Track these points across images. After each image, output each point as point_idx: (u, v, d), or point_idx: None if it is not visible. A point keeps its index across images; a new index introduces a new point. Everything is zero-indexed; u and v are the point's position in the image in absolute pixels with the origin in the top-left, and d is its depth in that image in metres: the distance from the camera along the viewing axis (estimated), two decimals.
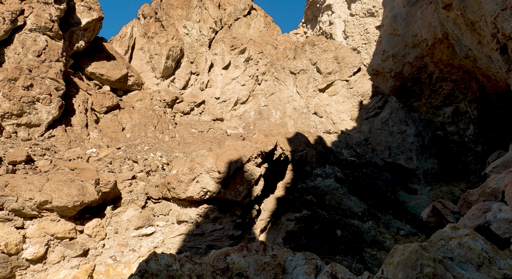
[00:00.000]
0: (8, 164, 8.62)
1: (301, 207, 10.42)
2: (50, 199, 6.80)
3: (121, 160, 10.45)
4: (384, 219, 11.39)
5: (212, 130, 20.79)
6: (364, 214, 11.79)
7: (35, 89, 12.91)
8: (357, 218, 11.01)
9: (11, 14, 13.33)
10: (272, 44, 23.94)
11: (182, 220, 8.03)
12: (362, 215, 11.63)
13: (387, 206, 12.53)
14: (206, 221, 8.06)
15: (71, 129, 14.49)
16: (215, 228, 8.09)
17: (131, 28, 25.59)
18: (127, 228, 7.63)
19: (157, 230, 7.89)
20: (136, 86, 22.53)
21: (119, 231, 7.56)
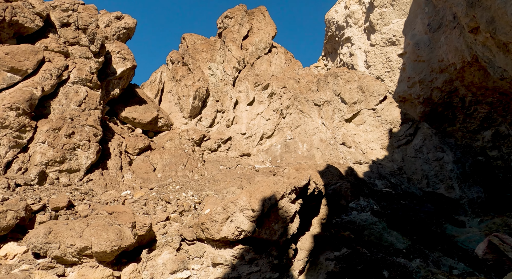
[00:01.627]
0: (51, 210, 8.96)
1: (339, 244, 9.78)
2: (90, 244, 6.86)
3: (155, 201, 10.56)
4: (433, 257, 10.36)
5: (240, 166, 20.82)
6: (409, 251, 10.83)
7: (76, 136, 13.80)
8: (402, 256, 10.10)
9: (57, 70, 14.79)
10: (294, 79, 24.49)
11: (217, 263, 7.74)
12: (407, 252, 10.68)
13: (434, 241, 11.47)
14: (241, 263, 7.71)
15: (107, 173, 15.08)
16: (251, 270, 7.70)
17: (160, 73, 27.40)
18: (163, 273, 7.44)
19: (193, 274, 7.63)
20: (165, 127, 23.48)
21: (155, 276, 7.39)
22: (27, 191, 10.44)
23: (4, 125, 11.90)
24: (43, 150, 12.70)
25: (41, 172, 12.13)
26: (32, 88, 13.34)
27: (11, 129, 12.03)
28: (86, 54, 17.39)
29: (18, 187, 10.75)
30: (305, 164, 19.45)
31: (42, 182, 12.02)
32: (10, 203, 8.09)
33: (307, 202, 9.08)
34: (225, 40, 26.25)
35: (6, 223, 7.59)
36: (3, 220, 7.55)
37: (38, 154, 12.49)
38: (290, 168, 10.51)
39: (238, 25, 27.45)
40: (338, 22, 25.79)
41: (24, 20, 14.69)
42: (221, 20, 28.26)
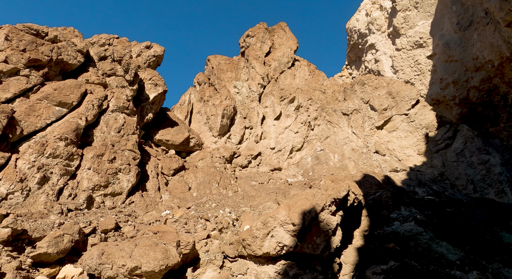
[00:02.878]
0: (101, 232, 9.48)
1: (385, 257, 9.35)
2: (140, 264, 7.15)
3: (195, 219, 10.81)
4: (492, 268, 9.56)
5: (272, 180, 20.79)
6: (463, 262, 10.08)
7: (117, 161, 14.65)
8: (456, 268, 9.43)
9: (98, 100, 15.97)
10: (319, 90, 24.44)
11: None
12: (462, 264, 9.94)
13: (491, 251, 10.60)
14: (285, 278, 7.61)
15: (147, 194, 15.73)
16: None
17: (189, 95, 28.55)
18: None
19: None
20: (197, 147, 24.18)
21: None
22: (78, 215, 11.15)
23: (55, 155, 12.93)
24: (89, 175, 13.58)
25: (89, 196, 12.92)
26: (77, 119, 14.48)
27: (61, 159, 13.04)
28: (122, 84, 18.66)
29: (70, 211, 11.52)
30: (338, 175, 19.03)
31: (90, 206, 12.78)
32: (65, 227, 8.68)
33: (347, 213, 8.86)
34: (248, 58, 26.97)
35: (64, 246, 8.13)
36: (61, 243, 8.10)
37: (85, 180, 13.37)
38: (325, 179, 10.37)
39: (260, 42, 28.17)
40: (360, 30, 25.66)
41: (68, 58, 16.18)
42: (243, 39, 29.18)
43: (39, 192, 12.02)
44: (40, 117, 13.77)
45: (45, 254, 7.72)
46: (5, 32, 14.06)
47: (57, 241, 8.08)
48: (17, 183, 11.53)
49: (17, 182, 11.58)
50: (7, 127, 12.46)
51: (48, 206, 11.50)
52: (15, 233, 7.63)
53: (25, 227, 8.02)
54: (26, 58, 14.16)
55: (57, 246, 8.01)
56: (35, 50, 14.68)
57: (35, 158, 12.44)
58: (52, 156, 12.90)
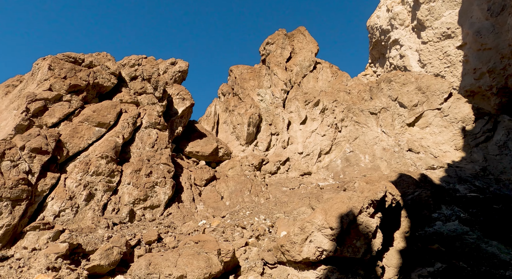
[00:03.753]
0: (145, 244, 9.98)
1: (430, 259, 9.00)
2: (185, 273, 7.46)
3: (231, 227, 11.06)
4: None
5: (303, 185, 20.69)
6: None
7: (154, 175, 15.36)
8: (511, 269, 8.86)
9: (132, 118, 16.91)
10: (344, 91, 24.14)
11: None
12: None
13: None
14: None
15: (183, 205, 16.28)
16: None
17: (214, 106, 29.30)
18: None
19: None
20: (226, 156, 24.66)
21: None
22: (122, 228, 11.81)
23: (98, 172, 13.83)
24: (129, 190, 14.35)
25: (130, 210, 13.64)
26: (115, 137, 15.41)
27: (103, 176, 13.92)
28: (152, 101, 19.62)
29: (115, 225, 12.22)
30: (371, 176, 18.57)
31: (132, 219, 13.48)
32: (114, 240, 9.25)
33: (386, 215, 8.68)
34: (270, 65, 27.27)
35: (114, 258, 8.66)
36: (111, 255, 8.64)
37: (126, 195, 14.14)
38: (359, 181, 10.22)
39: (280, 48, 28.43)
40: (382, 26, 25.16)
41: (103, 81, 17.34)
42: (263, 47, 29.60)
43: (87, 208, 12.87)
44: (82, 138, 14.82)
45: (99, 266, 8.27)
46: (48, 63, 15.38)
47: (108, 254, 8.62)
48: (67, 201, 12.45)
49: (67, 199, 12.50)
50: (55, 150, 13.53)
51: (96, 221, 12.29)
52: (71, 247, 8.27)
53: (79, 241, 8.66)
54: (67, 84, 15.37)
55: (108, 258, 8.55)
56: (74, 76, 15.90)
57: (81, 177, 13.38)
58: (96, 174, 13.80)
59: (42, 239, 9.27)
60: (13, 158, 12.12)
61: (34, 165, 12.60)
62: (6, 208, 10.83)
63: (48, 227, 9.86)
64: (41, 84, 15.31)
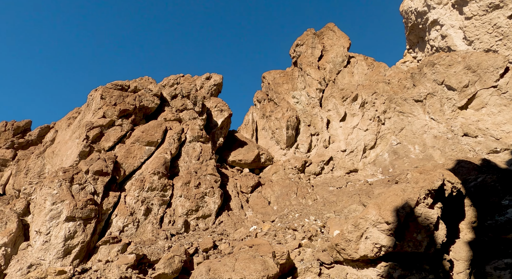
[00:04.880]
0: (202, 251, 10.43)
1: (506, 249, 8.16)
2: (243, 276, 7.66)
3: (283, 230, 11.10)
4: None
5: (350, 183, 20.03)
6: None
7: (202, 186, 16.04)
8: None
9: (177, 135, 17.91)
10: (383, 81, 23.11)
11: None
12: None
13: None
14: None
15: (232, 213, 16.72)
16: None
17: (251, 114, 29.78)
18: None
19: None
20: (268, 162, 24.84)
21: None
22: (180, 238, 12.47)
23: (152, 188, 14.82)
24: (182, 202, 15.13)
25: (185, 221, 14.35)
26: (164, 154, 16.43)
27: (157, 190, 14.87)
28: (193, 116, 20.60)
29: (172, 236, 12.95)
30: (424, 166, 17.39)
31: (187, 229, 14.16)
32: (174, 250, 9.82)
33: (447, 205, 8.11)
34: (302, 66, 27.14)
35: (176, 266, 9.19)
36: (173, 263, 9.18)
37: (179, 207, 14.94)
38: (412, 172, 9.69)
39: (311, 48, 28.20)
40: (417, 9, 23.76)
41: (148, 102, 18.67)
42: (293, 49, 29.59)
43: (146, 222, 13.83)
44: (135, 158, 16.03)
45: (163, 274, 8.83)
46: (100, 93, 17.01)
47: (170, 262, 9.17)
48: (128, 216, 13.50)
49: (129, 215, 13.55)
50: (114, 170, 14.81)
51: (155, 233, 13.13)
52: (138, 258, 8.96)
53: (144, 252, 9.34)
54: (118, 110, 16.82)
55: (171, 266, 9.09)
56: (122, 102, 17.36)
57: (138, 193, 14.44)
58: (150, 189, 14.80)
59: (112, 252, 10.16)
60: (81, 181, 13.52)
61: (98, 186, 13.91)
62: (79, 226, 12.07)
63: (116, 241, 10.77)
64: (96, 113, 16.95)
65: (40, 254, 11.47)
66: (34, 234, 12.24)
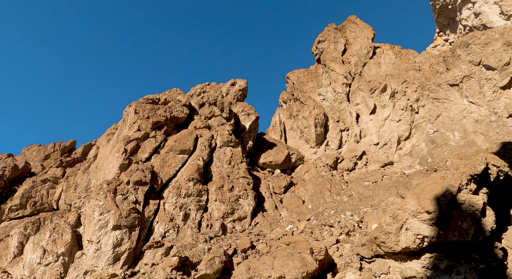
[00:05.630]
0: (241, 252, 10.64)
1: None
2: (283, 274, 7.73)
3: (319, 227, 11.01)
4: None
5: (386, 176, 19.32)
6: None
7: (236, 189, 16.36)
8: None
9: (207, 141, 18.46)
10: (413, 69, 22.14)
11: (409, 276, 7.20)
12: None
13: None
14: (437, 273, 6.92)
15: (267, 214, 16.84)
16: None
17: (278, 115, 29.82)
18: None
19: None
20: (299, 161, 24.69)
21: None
22: (218, 240, 12.81)
23: (188, 194, 15.39)
24: (217, 206, 15.53)
25: (222, 224, 14.71)
26: (197, 160, 17.01)
27: (194, 196, 15.41)
28: (221, 122, 21.11)
29: (211, 239, 13.34)
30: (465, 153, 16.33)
31: (225, 232, 14.50)
32: (213, 251, 10.13)
33: (494, 190, 7.60)
34: (325, 62, 26.79)
35: (216, 267, 9.48)
36: (214, 264, 9.47)
37: (215, 211, 15.35)
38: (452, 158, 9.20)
39: (333, 43, 27.76)
40: None
41: (177, 113, 19.48)
42: (315, 46, 29.32)
43: (185, 227, 14.37)
44: (170, 166, 16.76)
45: (206, 275, 9.15)
46: (134, 108, 18.06)
47: (211, 263, 9.48)
48: (169, 222, 14.13)
49: (169, 221, 14.18)
50: (152, 180, 15.60)
51: (195, 237, 13.59)
52: (181, 260, 9.37)
53: (186, 255, 9.74)
54: (151, 123, 17.73)
55: (212, 267, 9.39)
56: (155, 115, 18.27)
57: (176, 200, 15.06)
58: (187, 195, 15.37)
59: (157, 255, 10.71)
60: (123, 192, 14.41)
61: (138, 195, 14.73)
62: (125, 234, 12.86)
63: (160, 245, 11.33)
64: (131, 127, 18.00)
65: (93, 261, 12.36)
66: (86, 243, 13.23)
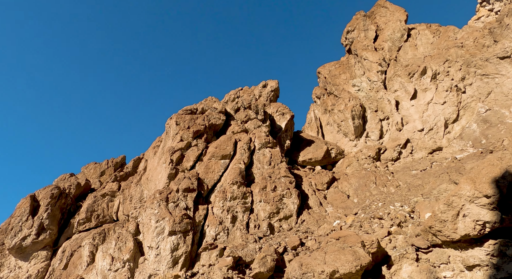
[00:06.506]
0: (291, 249, 10.83)
1: None
2: (336, 268, 7.78)
3: (368, 220, 10.82)
4: None
5: (436, 163, 18.25)
6: None
7: (278, 188, 16.59)
8: None
9: (246, 144, 18.94)
10: (455, 46, 20.71)
11: (472, 265, 6.85)
12: None
13: None
14: (504, 259, 6.51)
15: (312, 211, 16.82)
16: None
17: (313, 112, 29.52)
18: None
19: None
20: (339, 156, 24.23)
21: None
22: (267, 240, 13.13)
23: (234, 197, 15.93)
24: (262, 207, 15.88)
25: (269, 224, 15.02)
26: (238, 164, 17.55)
27: (239, 199, 15.93)
28: (257, 124, 21.51)
29: (260, 239, 13.70)
30: None
31: (273, 231, 14.78)
32: (265, 250, 10.44)
33: None
34: (357, 52, 26.05)
35: (269, 265, 9.77)
36: (266, 263, 9.77)
37: (261, 211, 15.70)
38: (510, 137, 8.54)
39: (363, 32, 26.92)
40: None
41: (215, 120, 20.25)
42: (344, 37, 28.63)
43: (234, 229, 14.91)
44: (214, 172, 17.48)
45: (260, 273, 9.48)
46: (175, 120, 19.14)
47: (264, 261, 9.79)
48: (218, 225, 14.77)
49: (218, 224, 14.82)
50: (198, 186, 16.41)
51: (244, 238, 14.06)
52: (235, 260, 9.81)
53: (239, 255, 10.17)
54: (191, 132, 18.66)
55: (264, 265, 9.70)
56: (194, 124, 19.19)
57: (223, 203, 15.69)
58: (232, 199, 15.93)
59: (212, 256, 11.30)
60: (174, 199, 15.36)
61: (188, 201, 15.59)
62: (180, 239, 13.70)
63: (213, 247, 11.93)
64: (174, 138, 19.09)
65: (155, 265, 13.36)
66: (147, 249, 14.33)
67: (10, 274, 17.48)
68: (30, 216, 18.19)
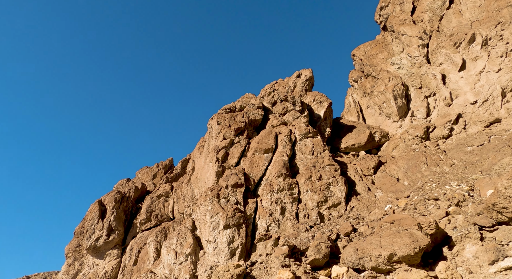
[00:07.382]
0: (344, 236, 10.96)
1: None
2: (393, 251, 7.80)
3: (422, 202, 10.52)
4: None
5: (495, 136, 16.89)
6: None
7: (324, 177, 16.63)
8: None
9: (287, 137, 19.13)
10: (508, 6, 18.80)
11: None
12: None
13: None
14: None
15: (361, 197, 16.61)
16: None
17: (351, 96, 28.68)
18: (480, 265, 7.05)
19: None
20: (383, 139, 23.39)
21: (474, 270, 7.10)
22: (318, 228, 13.35)
23: (280, 189, 16.33)
24: (309, 196, 16.07)
25: (318, 212, 15.20)
26: (281, 157, 17.87)
27: (285, 190, 16.29)
28: (296, 115, 21.58)
29: (311, 227, 13.95)
30: None
31: (323, 219, 14.94)
32: (318, 237, 10.70)
33: None
34: (393, 28, 24.73)
35: (324, 251, 10.02)
36: (321, 250, 10.04)
37: (309, 201, 15.92)
38: None
39: (398, 5, 25.43)
40: None
41: (254, 116, 20.72)
42: (378, 14, 27.28)
43: (284, 220, 15.33)
44: (258, 166, 18.01)
45: (316, 259, 9.78)
46: (216, 119, 19.98)
47: (318, 249, 10.06)
48: (269, 217, 15.30)
49: (268, 216, 15.35)
50: (245, 181, 17.06)
51: (295, 228, 14.41)
52: (290, 248, 10.22)
53: (294, 243, 10.56)
54: (233, 130, 19.35)
55: (319, 252, 9.97)
56: (234, 122, 19.86)
57: (271, 196, 16.17)
58: (279, 190, 16.34)
59: (268, 246, 11.85)
60: (224, 195, 16.20)
61: (237, 196, 16.33)
62: (235, 232, 14.49)
63: (268, 237, 12.48)
64: (217, 137, 19.95)
65: (215, 258, 14.32)
66: (205, 243, 15.37)
67: (90, 271, 19.80)
68: (99, 219, 20.35)
